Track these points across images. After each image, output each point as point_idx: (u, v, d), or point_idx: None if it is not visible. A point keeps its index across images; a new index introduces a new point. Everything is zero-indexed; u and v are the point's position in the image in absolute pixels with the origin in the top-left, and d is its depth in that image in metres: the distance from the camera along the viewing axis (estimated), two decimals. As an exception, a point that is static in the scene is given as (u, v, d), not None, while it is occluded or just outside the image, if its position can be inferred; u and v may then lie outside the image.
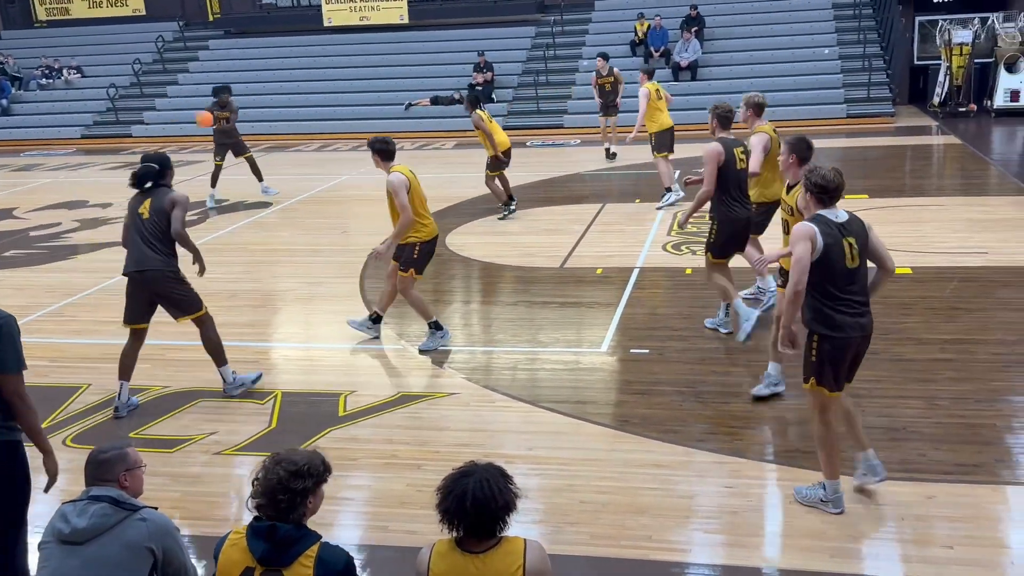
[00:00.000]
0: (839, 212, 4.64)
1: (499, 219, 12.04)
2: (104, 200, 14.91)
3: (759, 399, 6.25)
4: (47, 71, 25.20)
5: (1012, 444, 5.60)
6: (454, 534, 2.91)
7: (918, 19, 21.59)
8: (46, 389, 7.10)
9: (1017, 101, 19.30)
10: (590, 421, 6.15)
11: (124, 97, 23.77)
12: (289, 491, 2.93)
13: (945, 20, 20.39)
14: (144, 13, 27.11)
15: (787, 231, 5.80)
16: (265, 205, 13.94)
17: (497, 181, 12.10)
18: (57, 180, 17.63)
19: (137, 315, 6.54)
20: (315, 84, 23.23)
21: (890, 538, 4.71)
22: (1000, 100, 19.43)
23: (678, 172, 12.75)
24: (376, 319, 7.89)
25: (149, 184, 6.39)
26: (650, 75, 12.89)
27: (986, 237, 10.08)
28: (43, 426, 6.30)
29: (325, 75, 23.51)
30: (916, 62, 22.03)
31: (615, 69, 16.19)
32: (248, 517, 3.07)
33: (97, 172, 18.46)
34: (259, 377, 6.98)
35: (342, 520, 5.11)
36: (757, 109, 7.60)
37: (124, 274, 6.52)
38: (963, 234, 10.32)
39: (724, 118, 7.20)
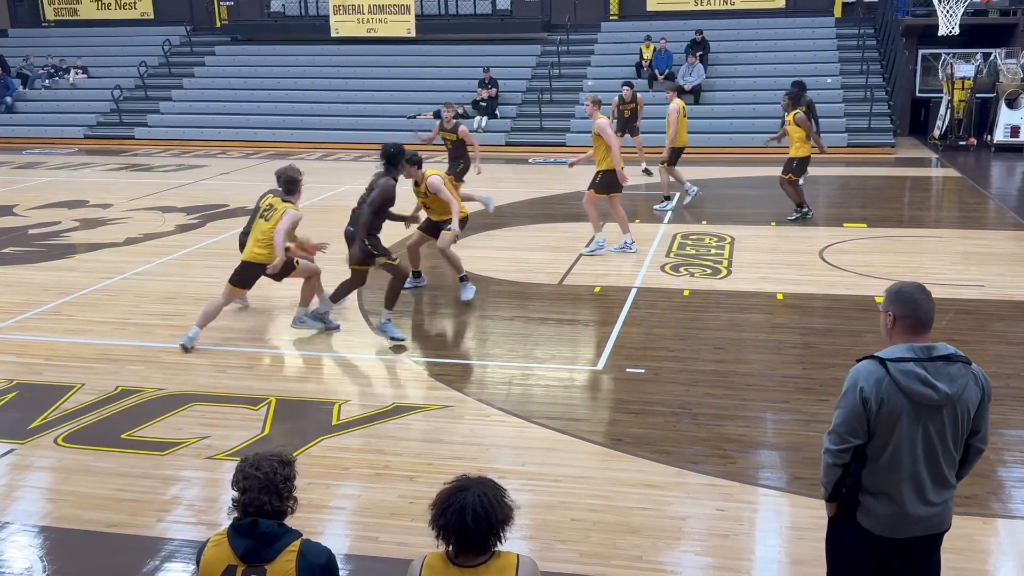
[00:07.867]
0: None
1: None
2: (104, 201, 14.90)
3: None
4: (52, 70, 25.25)
5: (1004, 477, 5.60)
6: (447, 548, 2.90)
7: (921, 52, 21.73)
8: (40, 387, 7.09)
9: (1017, 137, 19.39)
10: (583, 439, 6.14)
11: (128, 99, 23.80)
12: (287, 479, 3.00)
13: (948, 54, 20.52)
14: (152, 17, 27.22)
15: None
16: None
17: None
18: (58, 179, 17.62)
19: None
20: (320, 93, 23.28)
21: (880, 567, 4.70)
22: (1000, 135, 19.52)
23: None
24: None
25: None
26: (678, 92, 13.90)
27: (983, 270, 10.11)
28: (34, 425, 6.36)
29: (330, 85, 23.57)
30: (918, 94, 22.14)
31: (638, 95, 16.70)
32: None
33: (98, 173, 18.46)
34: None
35: (331, 529, 5.09)
36: (598, 105, 11.25)
37: None
38: (960, 266, 10.35)
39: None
